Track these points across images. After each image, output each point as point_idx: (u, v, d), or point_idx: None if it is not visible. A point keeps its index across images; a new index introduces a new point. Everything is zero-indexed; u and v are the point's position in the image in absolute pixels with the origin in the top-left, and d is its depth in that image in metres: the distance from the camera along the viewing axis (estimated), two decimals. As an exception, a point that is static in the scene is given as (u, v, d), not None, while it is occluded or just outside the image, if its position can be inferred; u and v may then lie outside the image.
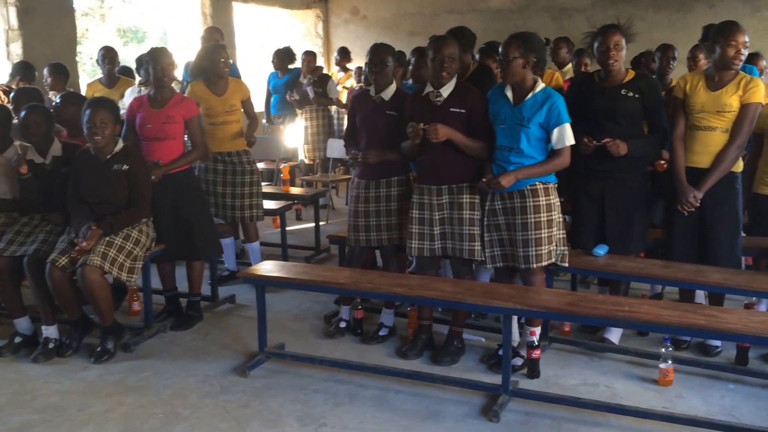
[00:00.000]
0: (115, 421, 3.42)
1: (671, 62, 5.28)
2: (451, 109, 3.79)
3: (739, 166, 3.90)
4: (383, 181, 4.16)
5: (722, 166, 3.79)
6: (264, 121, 8.42)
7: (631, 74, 3.95)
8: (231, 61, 5.11)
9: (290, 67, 8.15)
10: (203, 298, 4.80)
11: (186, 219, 4.49)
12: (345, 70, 9.18)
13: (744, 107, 3.74)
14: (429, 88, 3.87)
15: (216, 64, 4.90)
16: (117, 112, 4.17)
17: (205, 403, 3.56)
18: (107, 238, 3.99)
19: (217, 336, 4.44)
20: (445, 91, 3.82)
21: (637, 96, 3.88)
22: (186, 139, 4.64)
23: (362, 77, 7.90)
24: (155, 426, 3.36)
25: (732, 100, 3.74)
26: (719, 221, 3.86)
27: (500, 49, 3.67)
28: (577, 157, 3.89)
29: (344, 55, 9.17)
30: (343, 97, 8.48)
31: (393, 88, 4.14)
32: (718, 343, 4.04)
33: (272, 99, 8.34)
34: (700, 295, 4.28)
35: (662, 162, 4.39)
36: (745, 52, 3.77)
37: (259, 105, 6.78)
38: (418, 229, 3.93)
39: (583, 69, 5.52)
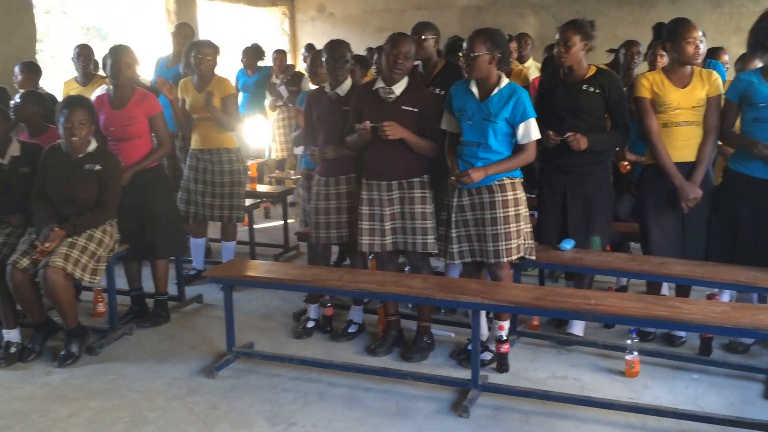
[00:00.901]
0: (80, 426, 3.36)
1: (635, 57, 5.34)
2: (403, 107, 3.80)
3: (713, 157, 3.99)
4: (343, 177, 4.15)
5: (707, 159, 3.88)
6: None
7: (593, 70, 3.99)
8: (215, 59, 5.03)
9: (259, 65, 8.09)
10: (170, 297, 4.74)
11: (150, 217, 4.45)
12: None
13: (711, 99, 3.83)
14: (380, 84, 3.88)
15: (195, 58, 4.91)
16: (94, 111, 4.12)
17: (172, 405, 3.52)
18: (69, 239, 3.92)
19: (184, 337, 4.39)
20: (398, 88, 3.83)
21: (598, 91, 3.92)
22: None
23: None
24: (121, 430, 3.31)
25: (702, 94, 3.83)
26: (699, 214, 3.91)
27: (465, 45, 3.68)
28: (540, 152, 3.92)
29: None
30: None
31: (349, 83, 4.14)
32: (682, 333, 4.11)
33: (242, 98, 8.27)
34: (665, 287, 4.35)
35: (625, 163, 4.44)
36: (702, 47, 3.82)
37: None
38: (368, 225, 3.93)
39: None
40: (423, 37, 4.22)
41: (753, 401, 3.47)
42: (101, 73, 5.61)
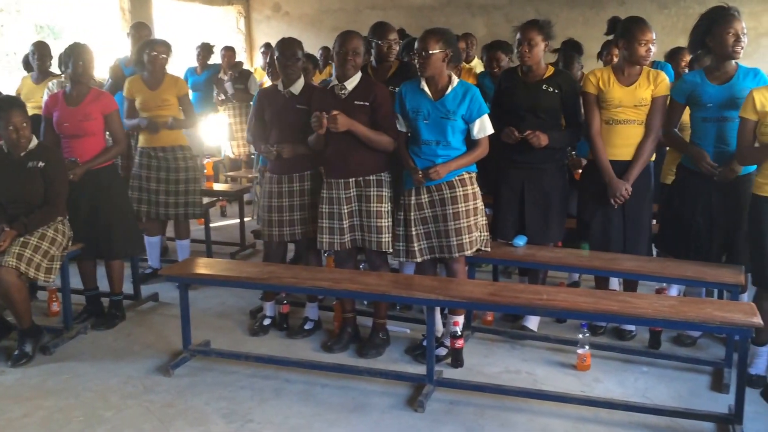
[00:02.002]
0: (34, 426, 3.31)
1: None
2: (356, 102, 3.83)
3: (653, 156, 4.08)
4: (296, 175, 4.15)
5: (644, 158, 3.96)
6: None
7: (551, 70, 4.08)
8: (169, 57, 4.99)
9: (209, 63, 8.04)
10: (126, 297, 4.69)
11: (105, 216, 4.40)
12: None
13: (656, 99, 3.92)
14: (334, 81, 3.91)
15: (148, 56, 4.87)
16: (25, 108, 4.05)
17: (127, 404, 3.49)
18: (22, 239, 3.86)
19: (140, 335, 4.35)
20: (350, 84, 3.86)
21: (556, 91, 4.01)
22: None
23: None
24: (75, 429, 3.28)
25: (646, 94, 3.91)
26: (639, 211, 4.02)
27: (417, 44, 3.72)
28: (498, 150, 3.99)
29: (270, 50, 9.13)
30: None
31: (302, 82, 4.15)
32: (632, 327, 4.22)
33: (192, 96, 8.20)
34: (615, 282, 4.46)
35: (580, 171, 4.53)
36: (653, 48, 3.92)
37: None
38: (327, 224, 3.95)
39: (495, 64, 5.61)
40: (392, 38, 4.27)
41: (700, 393, 3.57)
42: (55, 70, 5.52)
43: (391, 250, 3.93)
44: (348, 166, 3.88)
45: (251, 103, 8.27)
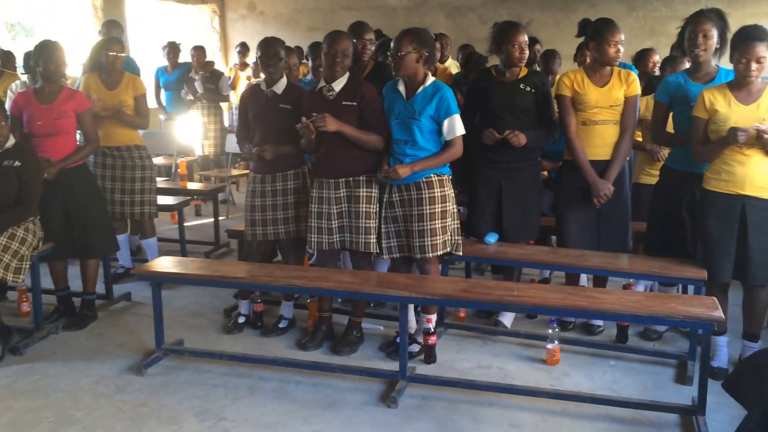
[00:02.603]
0: (3, 426, 3.29)
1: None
2: (344, 103, 3.84)
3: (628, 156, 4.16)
4: (279, 174, 4.17)
5: (621, 157, 4.04)
6: (161, 116, 8.23)
7: (525, 71, 4.14)
8: (126, 55, 4.96)
9: (180, 62, 8.01)
10: (98, 296, 4.67)
11: (79, 215, 4.37)
12: (245, 65, 9.13)
13: (629, 99, 4.00)
14: (322, 83, 3.93)
15: (106, 57, 4.82)
16: (3, 106, 4.03)
17: (99, 404, 3.48)
18: (-9, 238, 3.83)
19: (113, 335, 4.34)
20: (337, 85, 3.87)
21: (532, 91, 4.07)
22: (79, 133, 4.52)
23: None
24: (46, 430, 3.26)
25: (620, 94, 3.99)
26: (614, 210, 4.09)
27: (392, 44, 3.75)
28: (474, 150, 4.04)
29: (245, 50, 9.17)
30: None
31: (284, 81, 4.16)
32: (600, 322, 4.29)
33: (165, 96, 8.18)
34: (584, 279, 4.53)
35: (543, 172, 4.61)
36: (622, 49, 3.99)
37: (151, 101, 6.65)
38: (317, 223, 3.96)
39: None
40: (368, 38, 4.30)
41: (665, 385, 3.65)
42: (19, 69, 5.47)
43: (376, 251, 3.94)
44: (338, 167, 3.89)
45: (222, 103, 8.32)
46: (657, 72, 5.19)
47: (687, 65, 4.15)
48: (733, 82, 3.54)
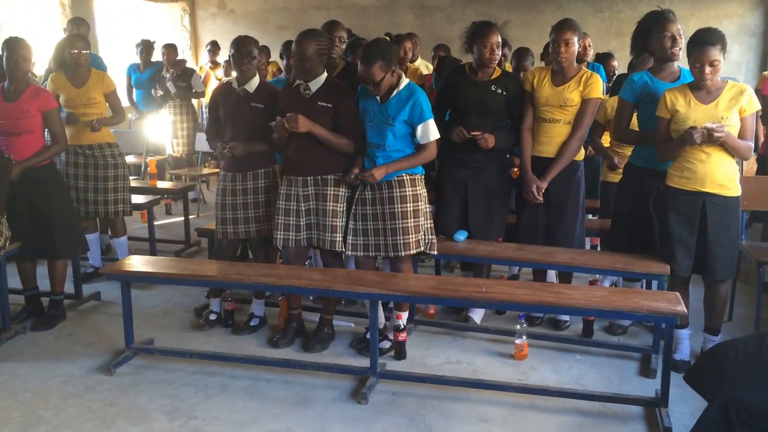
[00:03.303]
0: (-30, 427, 3.27)
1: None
2: (319, 103, 3.86)
3: (581, 155, 4.22)
4: (250, 173, 4.18)
5: (565, 157, 4.08)
6: (130, 115, 8.16)
7: (498, 71, 4.19)
8: (93, 53, 4.93)
9: (152, 60, 7.96)
10: (66, 296, 4.63)
11: (46, 215, 4.33)
12: (216, 64, 9.10)
13: (585, 102, 4.04)
14: (299, 81, 3.92)
15: (70, 54, 4.79)
16: None
17: (68, 404, 3.47)
18: (-43, 238, 3.79)
19: (82, 335, 4.31)
20: (314, 85, 3.88)
21: (503, 93, 4.12)
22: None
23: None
24: (14, 430, 3.24)
25: (573, 96, 4.03)
26: (563, 207, 4.16)
27: (361, 69, 3.70)
28: (441, 148, 4.08)
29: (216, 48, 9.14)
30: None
31: (257, 80, 4.16)
32: (567, 317, 4.37)
33: (136, 94, 8.12)
34: (552, 275, 4.60)
35: (515, 170, 4.67)
36: (574, 47, 4.04)
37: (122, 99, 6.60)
38: (284, 221, 3.98)
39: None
40: (338, 36, 4.31)
41: (629, 378, 3.73)
42: None
43: (343, 249, 3.95)
44: (308, 165, 3.90)
45: (193, 101, 8.27)
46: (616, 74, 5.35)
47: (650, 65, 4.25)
48: (693, 82, 3.62)
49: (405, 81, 3.81)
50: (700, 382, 2.72)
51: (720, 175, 3.57)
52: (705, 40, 3.46)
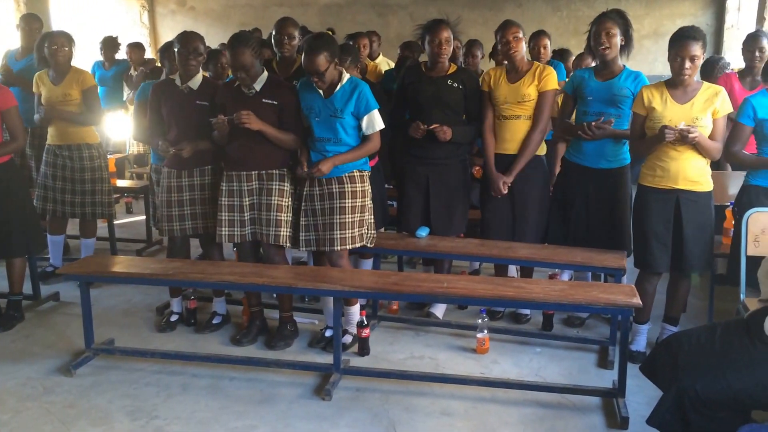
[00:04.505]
0: (-76, 432, 3.21)
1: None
2: (264, 101, 3.85)
3: (543, 149, 4.29)
4: (196, 170, 4.14)
5: (528, 151, 4.16)
6: None
7: (454, 67, 4.24)
8: (66, 48, 4.84)
9: (117, 58, 7.85)
10: (24, 296, 4.55)
11: (4, 213, 4.25)
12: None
13: (541, 95, 4.13)
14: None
15: (48, 50, 4.75)
16: None
17: (26, 406, 3.41)
18: None
19: (40, 336, 4.25)
20: (258, 83, 3.87)
21: (460, 87, 4.17)
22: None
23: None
24: (-30, 433, 3.20)
25: (530, 90, 4.11)
26: (527, 201, 4.22)
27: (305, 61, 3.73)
28: (403, 145, 4.11)
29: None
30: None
31: (200, 77, 4.12)
32: (527, 311, 4.43)
33: (100, 91, 7.98)
34: (513, 269, 4.67)
35: (477, 168, 4.74)
36: (520, 45, 4.12)
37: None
38: (228, 216, 3.95)
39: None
40: (289, 33, 4.31)
41: (588, 370, 3.81)
42: None
43: (288, 244, 3.96)
44: (252, 160, 3.89)
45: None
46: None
47: (591, 62, 4.47)
48: (670, 80, 3.68)
49: (347, 75, 3.84)
50: (654, 372, 2.80)
51: (692, 171, 3.64)
52: (688, 35, 3.54)
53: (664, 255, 3.74)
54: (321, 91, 3.79)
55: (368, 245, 4.00)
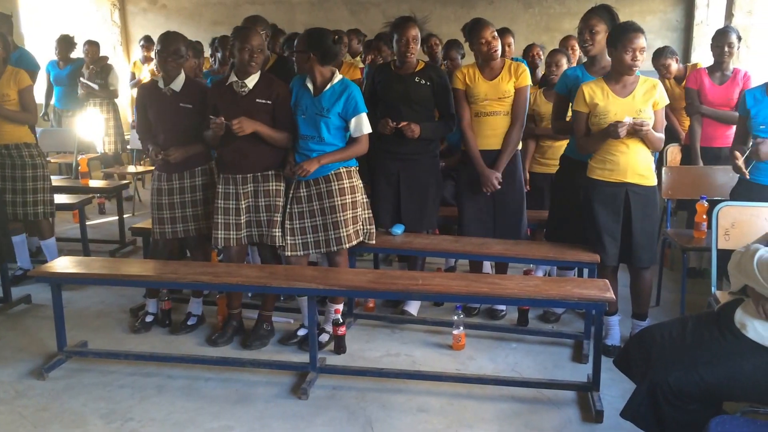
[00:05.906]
0: None
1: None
2: (257, 100, 3.83)
3: (519, 144, 4.33)
4: (186, 172, 4.12)
5: (511, 147, 4.20)
6: (41, 114, 7.86)
7: (422, 64, 4.25)
8: (23, 48, 4.77)
9: (72, 56, 7.74)
10: (-6, 301, 4.50)
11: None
12: (149, 60, 8.91)
13: (518, 91, 4.17)
14: (233, 78, 3.88)
15: None
16: None
17: (-2, 410, 3.38)
18: None
19: (11, 339, 4.19)
20: (251, 82, 3.85)
21: (428, 84, 4.18)
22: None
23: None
24: (-59, 439, 3.15)
25: (509, 87, 4.15)
26: (507, 198, 4.25)
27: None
28: (374, 142, 4.11)
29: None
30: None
31: (182, 78, 4.08)
32: (502, 307, 4.46)
33: (55, 91, 7.88)
34: (488, 266, 4.69)
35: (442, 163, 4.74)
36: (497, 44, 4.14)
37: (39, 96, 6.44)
38: (224, 219, 3.94)
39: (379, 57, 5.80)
40: (260, 31, 4.28)
41: (563, 364, 3.84)
42: None
43: (282, 245, 3.95)
44: (247, 163, 3.87)
45: (115, 99, 8.09)
46: (540, 63, 5.55)
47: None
48: (608, 75, 3.74)
49: (338, 76, 3.83)
50: (628, 365, 2.83)
51: (640, 165, 3.71)
52: (636, 28, 3.59)
53: (614, 248, 3.79)
54: (311, 89, 3.78)
55: (366, 240, 4.00)
